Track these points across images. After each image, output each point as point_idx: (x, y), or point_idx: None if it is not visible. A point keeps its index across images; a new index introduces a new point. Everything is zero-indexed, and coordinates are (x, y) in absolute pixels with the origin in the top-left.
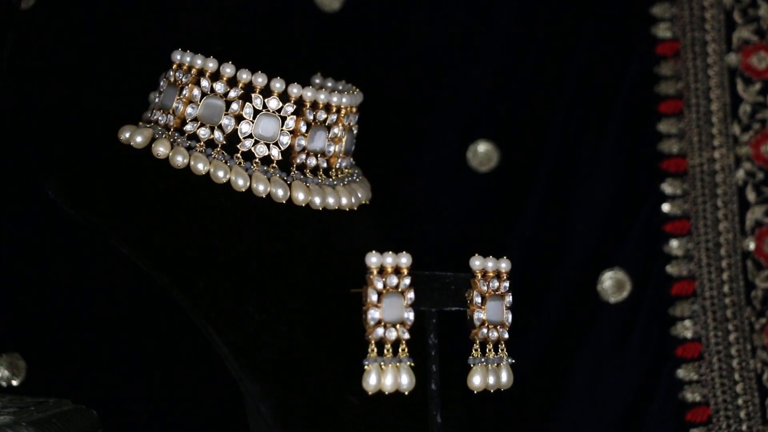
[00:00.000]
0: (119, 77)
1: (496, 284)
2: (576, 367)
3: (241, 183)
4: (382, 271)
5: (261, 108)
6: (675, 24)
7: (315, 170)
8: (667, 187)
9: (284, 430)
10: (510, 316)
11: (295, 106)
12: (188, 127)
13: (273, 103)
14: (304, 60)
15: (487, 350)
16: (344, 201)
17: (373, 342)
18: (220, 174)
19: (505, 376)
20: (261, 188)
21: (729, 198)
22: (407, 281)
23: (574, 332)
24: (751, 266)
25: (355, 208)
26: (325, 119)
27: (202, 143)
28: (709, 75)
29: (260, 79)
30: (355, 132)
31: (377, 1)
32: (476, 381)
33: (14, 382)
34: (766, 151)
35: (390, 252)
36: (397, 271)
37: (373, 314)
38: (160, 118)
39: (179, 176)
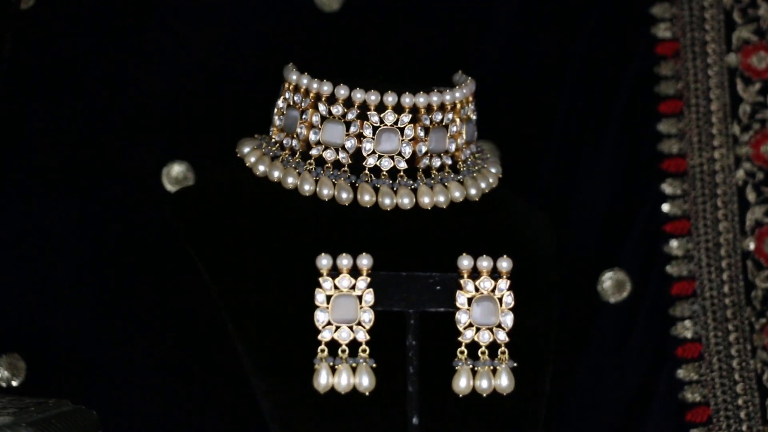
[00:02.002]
0: (120, 78)
1: (489, 284)
2: (576, 367)
3: (307, 188)
4: (337, 272)
5: (327, 114)
6: (675, 24)
7: (376, 171)
8: (667, 187)
9: (282, 426)
10: (509, 318)
11: (345, 109)
12: (276, 138)
13: (336, 109)
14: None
15: (479, 353)
16: (425, 200)
17: (323, 343)
18: (290, 180)
19: (505, 380)
20: (325, 192)
21: (729, 198)
22: (363, 283)
23: (574, 332)
24: (751, 266)
25: (444, 207)
26: (378, 121)
27: (286, 152)
28: (708, 75)
29: (326, 87)
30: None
31: (377, 1)
32: (461, 384)
33: (14, 383)
34: (766, 151)
35: (344, 254)
36: (356, 272)
37: (318, 316)
38: (270, 129)
39: (266, 184)
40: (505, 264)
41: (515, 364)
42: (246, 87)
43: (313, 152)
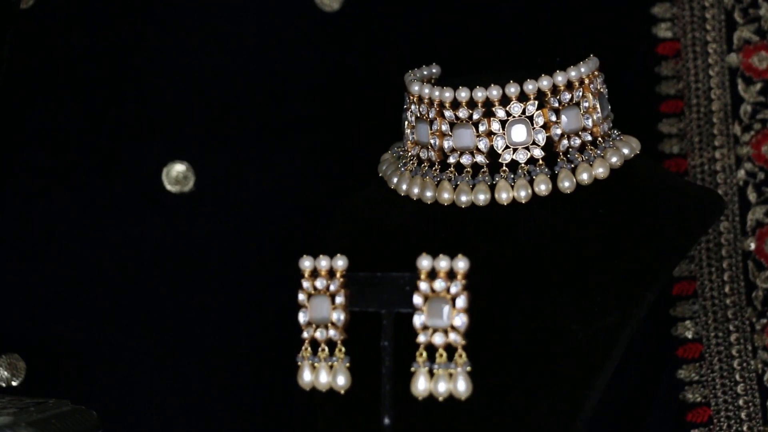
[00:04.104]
0: (120, 78)
1: (442, 284)
2: None
3: (403, 188)
4: (316, 273)
5: (418, 114)
6: (676, 24)
7: (459, 167)
8: None
9: (324, 418)
10: (462, 319)
11: (428, 107)
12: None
13: (422, 108)
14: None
15: (437, 355)
16: (503, 196)
17: (306, 341)
18: (394, 180)
19: (462, 385)
20: (415, 191)
21: (730, 198)
22: (334, 285)
23: None
24: (752, 266)
25: (523, 201)
26: (469, 116)
27: (404, 153)
28: (709, 75)
29: (415, 87)
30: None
31: (377, 1)
32: (419, 387)
33: (14, 383)
34: (767, 151)
35: (322, 255)
36: (333, 273)
37: (299, 316)
38: None
39: (388, 186)
40: (461, 264)
41: (469, 368)
42: (246, 86)
43: (412, 152)
